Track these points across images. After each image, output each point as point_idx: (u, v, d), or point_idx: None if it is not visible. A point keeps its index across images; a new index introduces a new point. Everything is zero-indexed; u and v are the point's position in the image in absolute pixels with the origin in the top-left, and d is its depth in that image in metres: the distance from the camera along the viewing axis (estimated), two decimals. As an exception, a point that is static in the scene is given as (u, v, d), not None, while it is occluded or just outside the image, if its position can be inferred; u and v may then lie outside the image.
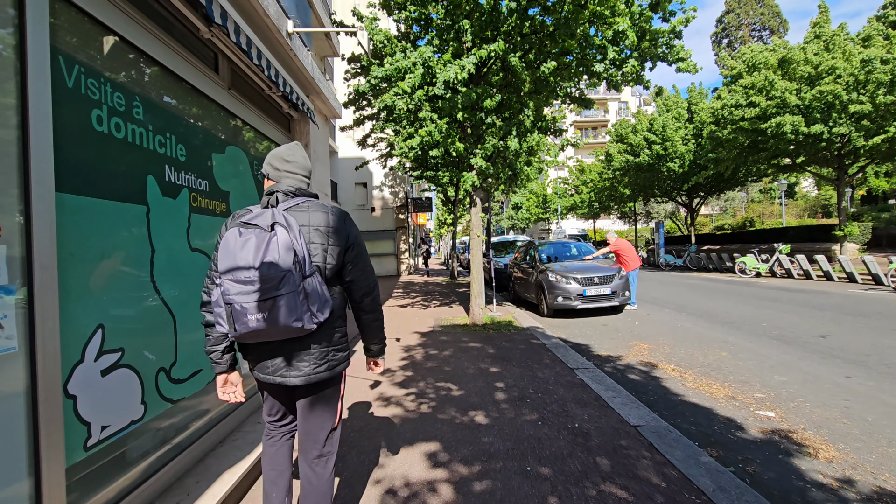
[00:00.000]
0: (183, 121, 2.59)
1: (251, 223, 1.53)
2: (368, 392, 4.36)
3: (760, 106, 12.95)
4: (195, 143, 2.71)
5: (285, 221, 1.55)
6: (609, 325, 7.77)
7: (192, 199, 2.63)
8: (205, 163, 2.81)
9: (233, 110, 3.19)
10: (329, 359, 1.68)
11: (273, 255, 1.47)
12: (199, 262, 2.71)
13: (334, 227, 1.69)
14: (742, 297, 10.19)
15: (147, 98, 2.28)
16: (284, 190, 1.72)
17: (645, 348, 6.07)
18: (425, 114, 6.67)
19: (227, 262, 1.50)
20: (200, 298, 1.76)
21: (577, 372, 4.87)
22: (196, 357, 2.60)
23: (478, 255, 7.87)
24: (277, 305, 1.46)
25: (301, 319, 1.50)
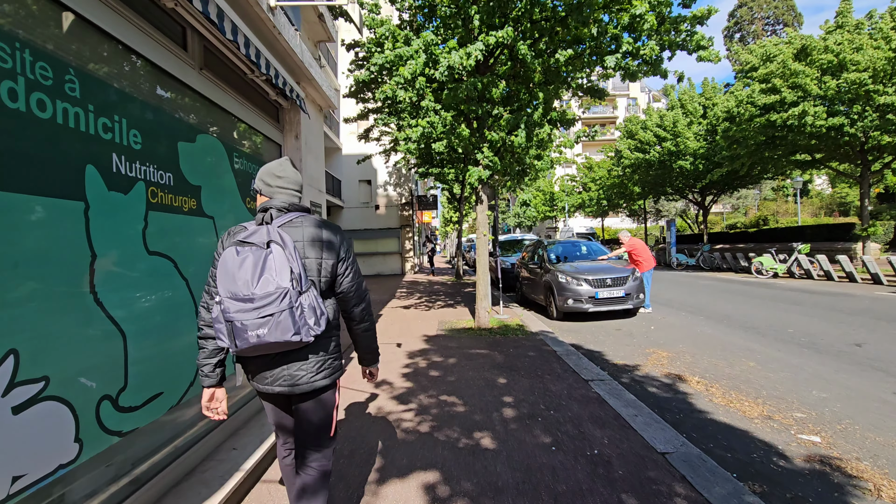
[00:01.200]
0: (138, 102, 2.21)
1: (247, 241, 1.59)
2: (364, 406, 3.98)
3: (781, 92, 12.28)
4: (155, 129, 2.33)
5: (280, 239, 1.60)
6: (623, 330, 7.34)
7: (151, 194, 2.25)
8: (168, 153, 2.43)
9: (206, 94, 2.81)
10: (326, 367, 1.74)
11: (270, 273, 1.53)
12: (161, 268, 2.33)
13: (327, 242, 1.75)
14: (762, 300, 9.70)
15: (86, 72, 1.90)
16: (278, 206, 1.75)
17: (664, 356, 5.64)
18: (427, 103, 6.26)
19: (225, 281, 1.55)
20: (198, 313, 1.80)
21: (592, 385, 4.46)
22: (154, 378, 2.23)
23: (484, 254, 7.47)
24: (277, 321, 1.51)
25: (299, 333, 1.55)
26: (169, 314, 2.38)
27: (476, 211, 7.70)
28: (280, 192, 1.81)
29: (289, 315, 1.52)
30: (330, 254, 1.76)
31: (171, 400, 2.36)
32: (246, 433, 2.97)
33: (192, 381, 2.56)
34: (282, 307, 1.51)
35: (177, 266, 2.45)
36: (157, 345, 2.26)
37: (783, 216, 31.17)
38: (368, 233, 22.23)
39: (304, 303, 1.59)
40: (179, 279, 2.48)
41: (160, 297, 2.31)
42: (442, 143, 6.61)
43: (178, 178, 2.49)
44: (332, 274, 1.77)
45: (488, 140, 6.86)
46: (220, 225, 2.95)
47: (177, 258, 2.46)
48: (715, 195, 22.60)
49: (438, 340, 6.62)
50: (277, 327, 1.51)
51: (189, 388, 2.52)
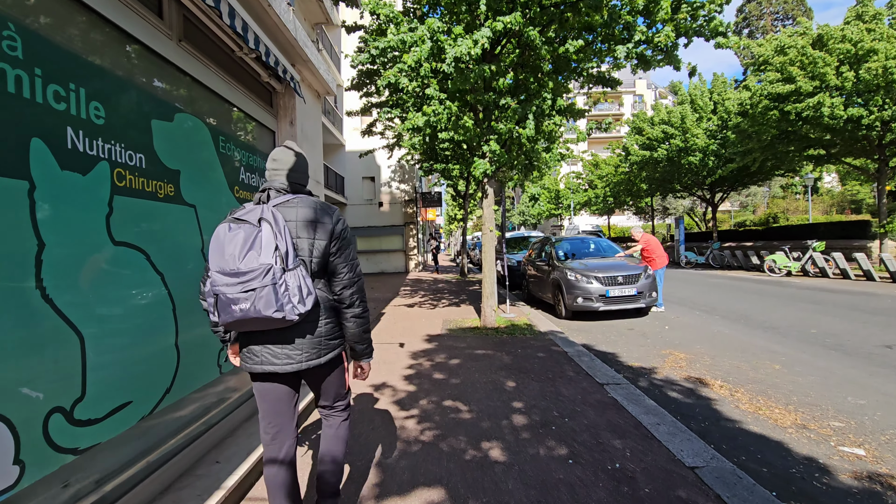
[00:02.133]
0: (100, 71, 1.94)
1: (241, 218, 1.64)
2: (363, 412, 3.70)
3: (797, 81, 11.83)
4: (122, 103, 2.05)
5: (272, 217, 1.63)
6: (636, 330, 7.03)
7: (117, 176, 1.98)
8: (139, 131, 2.16)
9: (186, 69, 2.53)
10: (321, 346, 1.77)
11: (257, 249, 1.57)
12: (130, 260, 2.06)
13: (321, 222, 1.77)
14: (778, 299, 9.35)
15: (31, 30, 1.62)
16: (276, 187, 1.81)
17: (681, 358, 5.33)
18: (432, 91, 5.97)
19: (215, 254, 1.60)
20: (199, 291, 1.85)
21: (607, 389, 4.16)
22: (121, 386, 1.96)
23: (490, 252, 7.18)
24: (259, 296, 1.54)
25: (282, 310, 1.57)
26: (140, 313, 2.11)
27: (482, 207, 7.40)
28: (276, 174, 1.85)
29: (271, 290, 1.55)
30: (322, 234, 1.77)
31: (142, 409, 2.09)
32: (232, 443, 2.70)
33: (169, 386, 2.29)
34: (264, 283, 1.54)
35: (150, 259, 2.18)
36: (126, 348, 1.99)
37: (793, 214, 30.66)
38: (372, 230, 21.98)
39: (290, 280, 1.61)
40: (153, 273, 2.21)
41: (129, 294, 2.04)
42: (447, 133, 6.31)
43: (151, 160, 2.22)
44: (324, 255, 1.78)
45: (495, 132, 6.57)
46: (204, 215, 2.68)
47: (150, 250, 2.19)
48: (725, 192, 22.16)
49: (443, 340, 6.34)
50: (259, 302, 1.54)
51: (165, 395, 2.25)
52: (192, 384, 2.51)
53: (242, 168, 3.22)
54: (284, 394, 1.83)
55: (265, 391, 1.81)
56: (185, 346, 2.43)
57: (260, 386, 1.81)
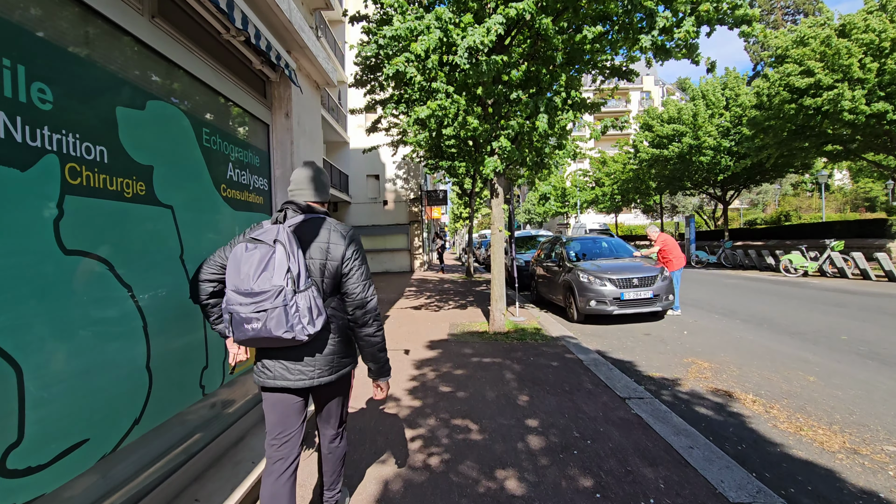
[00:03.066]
0: (44, 46, 1.62)
1: (258, 239, 1.69)
2: (363, 431, 3.39)
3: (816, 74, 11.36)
4: (77, 85, 1.74)
5: (286, 239, 1.68)
6: (653, 335, 6.67)
7: (69, 172, 1.66)
8: (100, 120, 1.85)
9: (161, 50, 2.22)
10: (333, 364, 1.82)
11: (270, 270, 1.62)
12: (86, 271, 1.74)
13: (332, 243, 1.81)
14: (800, 301, 8.95)
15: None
16: (297, 203, 1.87)
17: (706, 368, 4.98)
18: (439, 84, 5.64)
19: (232, 273, 1.66)
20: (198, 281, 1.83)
21: (630, 404, 3.82)
22: (73, 423, 1.65)
23: (499, 252, 6.84)
24: (270, 317, 1.59)
25: (292, 331, 1.63)
26: (101, 333, 1.80)
27: (490, 205, 7.06)
28: (294, 194, 1.93)
29: (282, 312, 1.60)
30: (334, 256, 1.81)
31: (102, 447, 1.78)
32: (216, 475, 2.40)
33: (139, 416, 1.98)
34: (275, 304, 1.59)
35: (113, 269, 1.87)
36: (80, 376, 1.68)
37: (805, 212, 30.08)
38: (376, 229, 21.68)
39: (300, 302, 1.65)
40: (118, 287, 1.90)
41: (85, 312, 1.72)
42: (452, 128, 5.98)
43: (116, 153, 1.90)
44: (336, 276, 1.82)
45: (505, 127, 6.22)
46: (184, 217, 2.37)
47: (114, 259, 1.88)
48: (736, 189, 21.66)
49: (449, 346, 6.02)
50: (270, 322, 1.59)
51: (133, 427, 1.94)
52: (169, 410, 2.20)
53: (231, 164, 2.90)
54: (294, 409, 1.87)
55: (275, 403, 1.85)
56: (160, 367, 2.12)
57: (271, 398, 1.85)
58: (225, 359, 2.75)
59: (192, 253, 2.43)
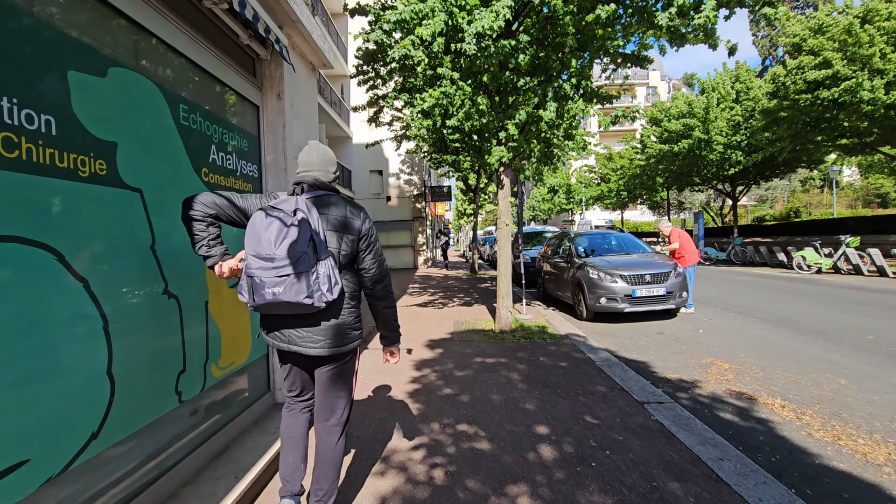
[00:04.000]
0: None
1: (276, 207, 1.71)
2: (364, 439, 3.12)
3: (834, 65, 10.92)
4: (15, 40, 1.47)
5: (306, 208, 1.74)
6: (666, 334, 6.38)
7: (3, 143, 1.40)
8: (47, 84, 1.58)
9: (126, 11, 1.94)
10: (344, 334, 1.87)
11: (292, 237, 1.64)
12: (24, 262, 1.47)
13: (350, 219, 1.89)
14: (817, 299, 8.62)
15: None
16: (310, 181, 1.89)
17: (726, 369, 4.69)
18: (444, 71, 5.36)
19: (251, 239, 1.68)
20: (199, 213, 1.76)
21: (649, 409, 3.54)
22: (10, 442, 1.39)
23: (506, 247, 6.56)
24: (291, 282, 1.63)
25: (311, 297, 1.67)
26: (46, 336, 1.53)
27: (496, 199, 6.78)
28: (305, 175, 1.93)
29: (304, 278, 1.64)
30: (351, 230, 1.87)
31: (47, 468, 1.52)
32: (192, 495, 2.13)
33: (97, 430, 1.72)
34: (297, 270, 1.62)
35: (64, 260, 1.60)
36: (17, 387, 1.42)
37: (815, 208, 29.59)
38: (379, 225, 21.41)
39: (320, 270, 1.70)
40: (70, 280, 1.63)
41: (24, 311, 1.46)
42: (456, 119, 5.70)
43: (67, 125, 1.64)
44: (353, 250, 1.89)
45: (512, 116, 5.93)
46: (156, 202, 2.10)
47: (66, 249, 1.61)
48: (746, 185, 21.23)
49: (454, 345, 5.75)
50: (292, 288, 1.63)
51: (89, 443, 1.68)
52: (136, 421, 1.94)
53: (215, 147, 2.63)
54: (306, 374, 2.00)
55: (291, 368, 1.98)
56: (125, 372, 1.86)
57: (288, 365, 1.98)
58: (206, 362, 2.49)
59: (166, 243, 2.16)
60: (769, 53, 46.36)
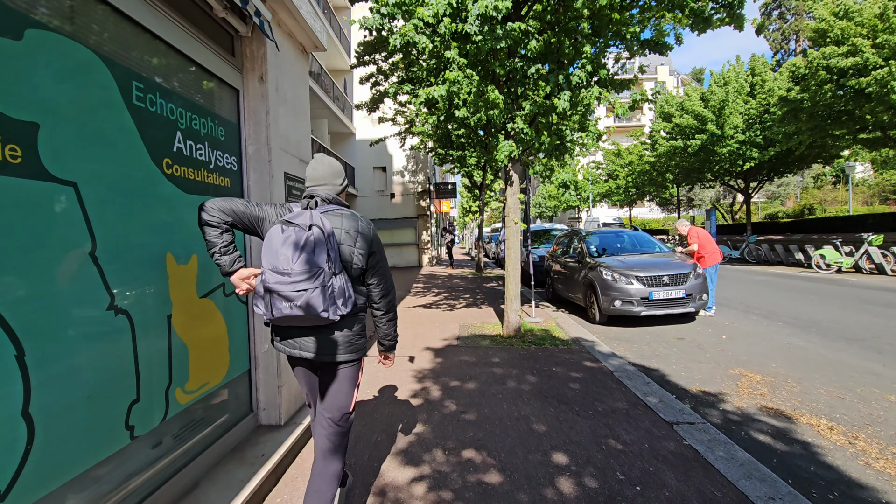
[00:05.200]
0: None
1: (292, 222, 1.72)
2: (359, 466, 2.75)
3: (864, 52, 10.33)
4: None
5: (321, 223, 1.74)
6: (687, 339, 5.96)
7: None
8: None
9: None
10: (351, 344, 1.90)
11: (308, 252, 1.67)
12: None
13: (362, 234, 1.91)
14: (844, 301, 8.15)
15: None
16: (322, 196, 1.92)
17: (758, 381, 4.28)
18: (452, 54, 4.96)
19: (269, 255, 1.68)
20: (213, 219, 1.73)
21: (679, 431, 3.14)
22: None
23: (515, 246, 6.16)
24: (308, 297, 1.64)
25: (327, 311, 1.68)
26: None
27: (505, 195, 6.38)
28: (317, 189, 1.96)
29: (321, 293, 1.66)
30: (363, 246, 1.90)
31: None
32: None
33: (6, 489, 1.34)
34: (315, 285, 1.64)
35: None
36: None
37: (830, 205, 28.89)
38: (383, 223, 21.05)
39: (336, 284, 1.74)
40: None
41: None
42: (465, 110, 5.31)
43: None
44: (363, 265, 1.92)
45: (522, 107, 5.52)
46: (97, 199, 1.73)
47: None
48: (760, 181, 20.63)
49: (460, 353, 5.36)
50: (308, 302, 1.64)
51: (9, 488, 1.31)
52: (66, 470, 1.57)
53: (181, 134, 2.26)
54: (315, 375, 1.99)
55: (302, 373, 1.99)
56: (50, 410, 1.49)
57: (298, 369, 1.99)
58: (169, 387, 2.12)
59: (112, 249, 1.79)
60: (781, 47, 45.49)
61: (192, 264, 2.31)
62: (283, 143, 3.11)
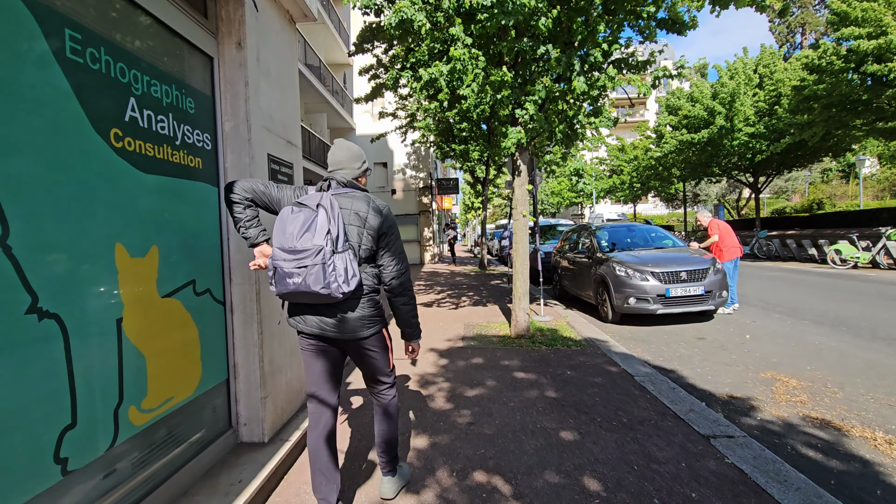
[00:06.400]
0: None
1: (303, 203, 1.84)
2: (354, 492, 2.37)
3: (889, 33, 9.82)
4: None
5: (328, 204, 1.82)
6: (708, 339, 5.57)
7: None
8: None
9: None
10: (364, 323, 1.95)
11: (312, 231, 1.76)
12: None
13: (372, 215, 1.96)
14: (869, 297, 7.74)
15: None
16: (338, 179, 2.01)
17: (794, 387, 3.89)
18: (456, 31, 4.58)
19: (278, 232, 1.79)
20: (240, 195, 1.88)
21: (718, 446, 2.76)
22: None
23: (523, 242, 5.77)
24: (310, 273, 1.72)
25: (328, 287, 1.74)
26: None
27: (512, 187, 5.98)
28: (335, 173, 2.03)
29: (321, 269, 1.72)
30: (372, 226, 1.95)
31: None
32: None
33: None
34: (315, 261, 1.72)
35: None
36: None
37: (839, 199, 28.38)
38: (384, 219, 20.64)
39: (338, 262, 1.77)
40: None
41: None
42: (470, 90, 4.92)
43: None
44: (373, 245, 1.97)
45: (532, 92, 5.12)
46: (13, 176, 1.34)
47: None
48: (769, 175, 20.15)
49: (466, 355, 4.99)
50: (310, 278, 1.71)
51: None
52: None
53: (134, 101, 1.88)
54: (330, 359, 2.02)
55: (313, 354, 2.00)
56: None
57: (309, 348, 1.99)
58: (119, 406, 1.74)
59: (35, 237, 1.41)
60: (787, 40, 44.85)
61: (151, 258, 1.93)
62: (266, 120, 2.72)
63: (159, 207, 2.00)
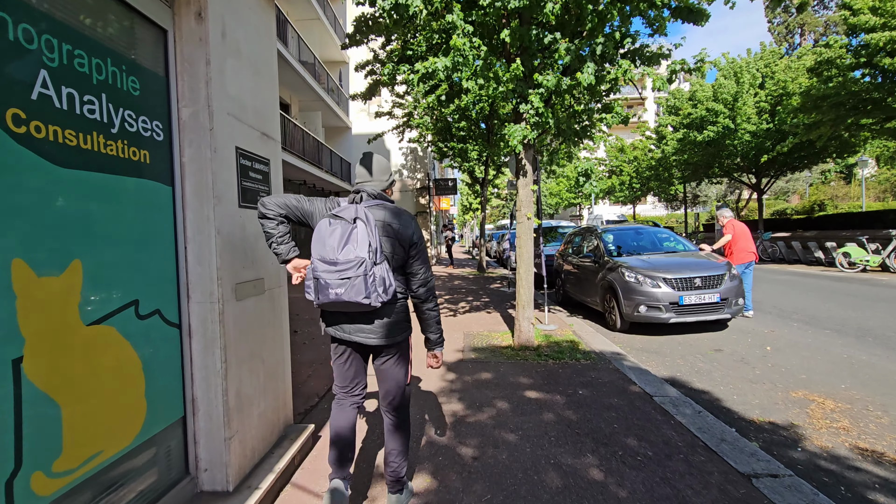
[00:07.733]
0: None
1: (339, 216, 1.89)
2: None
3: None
4: None
5: (365, 217, 1.88)
6: (726, 351, 5.17)
7: None
8: None
9: None
10: (395, 329, 2.04)
11: (353, 243, 1.82)
12: None
13: (403, 226, 2.04)
14: (890, 304, 7.37)
15: None
16: (368, 191, 2.06)
17: (832, 409, 3.49)
18: (455, 18, 4.18)
19: (317, 244, 1.86)
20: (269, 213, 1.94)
21: (762, 488, 2.37)
22: None
23: (527, 245, 5.37)
24: (352, 284, 1.78)
25: (369, 297, 1.81)
26: None
27: (516, 187, 5.58)
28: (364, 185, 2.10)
29: (363, 280, 1.78)
30: (403, 237, 2.03)
31: None
32: None
33: None
34: (358, 273, 1.78)
35: None
36: None
37: (841, 201, 28.10)
38: (381, 221, 20.22)
39: (377, 273, 1.84)
40: None
41: None
42: (473, 82, 4.52)
43: None
44: (404, 256, 2.05)
45: (538, 84, 4.72)
46: None
47: None
48: (773, 176, 19.81)
49: (466, 369, 4.57)
50: (352, 289, 1.78)
51: None
52: None
53: (47, 74, 1.46)
54: (360, 359, 2.14)
55: (345, 354, 2.09)
56: None
57: (341, 350, 2.09)
58: (15, 473, 1.32)
59: None
60: (785, 40, 44.60)
61: (70, 276, 1.51)
62: (234, 107, 2.30)
63: (84, 211, 1.58)
